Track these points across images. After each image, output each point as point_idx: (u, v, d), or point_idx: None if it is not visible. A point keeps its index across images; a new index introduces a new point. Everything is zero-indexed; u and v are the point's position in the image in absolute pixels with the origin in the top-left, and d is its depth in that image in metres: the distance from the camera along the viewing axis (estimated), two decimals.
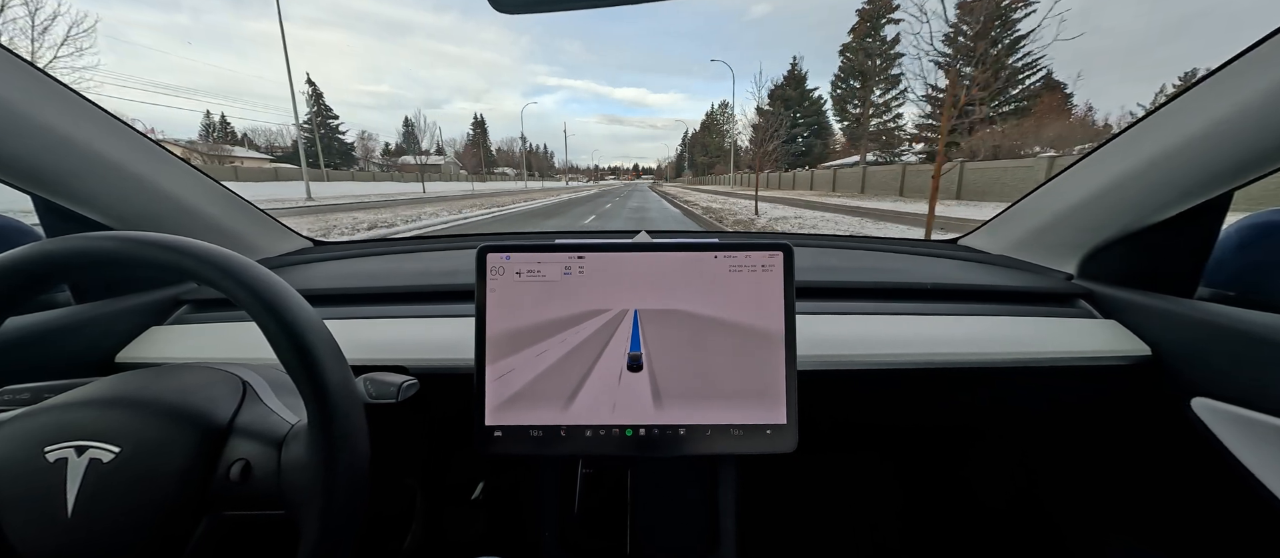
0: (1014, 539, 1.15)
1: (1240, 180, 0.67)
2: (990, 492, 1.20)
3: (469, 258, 0.64)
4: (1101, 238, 0.88)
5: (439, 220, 13.15)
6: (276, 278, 0.45)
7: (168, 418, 0.47)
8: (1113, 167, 0.83)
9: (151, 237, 0.44)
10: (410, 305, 0.88)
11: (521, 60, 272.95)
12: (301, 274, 1.03)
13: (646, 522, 0.76)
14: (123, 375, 0.53)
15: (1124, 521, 0.96)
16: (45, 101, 0.70)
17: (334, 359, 0.45)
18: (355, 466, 0.44)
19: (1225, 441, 0.68)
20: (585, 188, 64.20)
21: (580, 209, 19.54)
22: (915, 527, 1.24)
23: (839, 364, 0.77)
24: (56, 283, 0.47)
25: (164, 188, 0.88)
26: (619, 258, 0.63)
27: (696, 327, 0.63)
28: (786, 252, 0.63)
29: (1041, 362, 0.79)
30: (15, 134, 0.67)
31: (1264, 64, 0.61)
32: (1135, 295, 0.83)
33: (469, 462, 1.08)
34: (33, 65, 0.69)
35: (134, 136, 0.83)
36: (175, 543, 0.45)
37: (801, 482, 1.21)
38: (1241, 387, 0.67)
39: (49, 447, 0.44)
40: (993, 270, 1.04)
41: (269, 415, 0.52)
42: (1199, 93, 0.68)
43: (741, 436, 0.63)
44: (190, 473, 0.46)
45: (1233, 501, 0.75)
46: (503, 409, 0.62)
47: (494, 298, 0.63)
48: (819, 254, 1.15)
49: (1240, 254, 0.80)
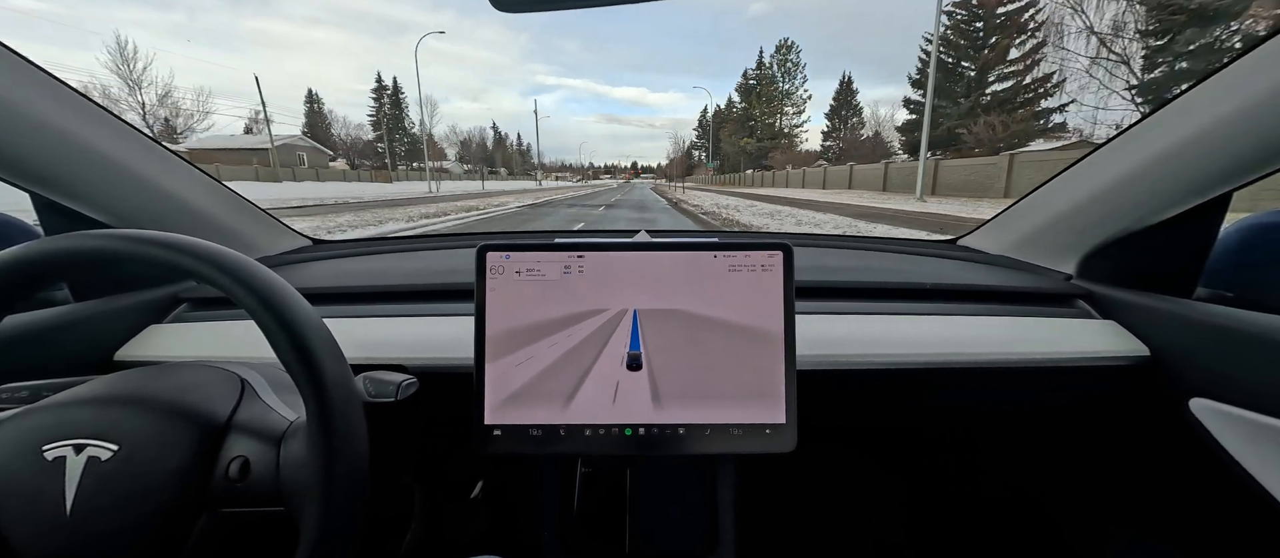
0: (1013, 539, 1.15)
1: (1239, 181, 0.67)
2: (989, 491, 1.21)
3: (468, 257, 0.64)
4: (1100, 238, 0.88)
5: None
6: (275, 276, 0.45)
7: (166, 416, 0.47)
8: (1112, 167, 0.83)
9: (150, 235, 0.44)
10: (409, 304, 0.88)
11: (520, 59, 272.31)
12: (301, 273, 1.03)
13: (645, 521, 0.77)
14: (121, 374, 0.53)
15: (1122, 519, 0.96)
16: (43, 99, 0.70)
17: (333, 357, 0.45)
18: (354, 463, 0.44)
19: (1223, 441, 0.68)
20: (552, 191, 43.51)
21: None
22: (913, 526, 1.24)
23: (838, 364, 0.77)
24: (55, 281, 0.47)
25: (163, 186, 0.88)
26: (618, 257, 0.63)
27: (696, 326, 0.63)
28: (786, 251, 0.63)
29: (1040, 362, 0.79)
30: (14, 132, 0.67)
31: (1264, 65, 0.61)
32: (1134, 296, 0.83)
33: (468, 461, 1.08)
34: (30, 63, 0.69)
35: (133, 134, 0.83)
36: (174, 541, 0.45)
37: (800, 481, 1.22)
38: (1240, 387, 0.67)
39: (47, 446, 0.44)
40: (992, 271, 1.04)
41: (268, 413, 0.52)
42: (1198, 93, 0.68)
43: (740, 435, 0.63)
44: (189, 471, 0.46)
45: (1231, 501, 0.76)
46: (502, 408, 0.62)
47: (493, 297, 0.63)
48: (818, 254, 1.15)
49: (1239, 255, 0.80)
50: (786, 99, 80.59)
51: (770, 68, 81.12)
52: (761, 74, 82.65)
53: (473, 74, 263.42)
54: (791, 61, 79.02)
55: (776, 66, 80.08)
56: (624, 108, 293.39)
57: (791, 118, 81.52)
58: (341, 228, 11.23)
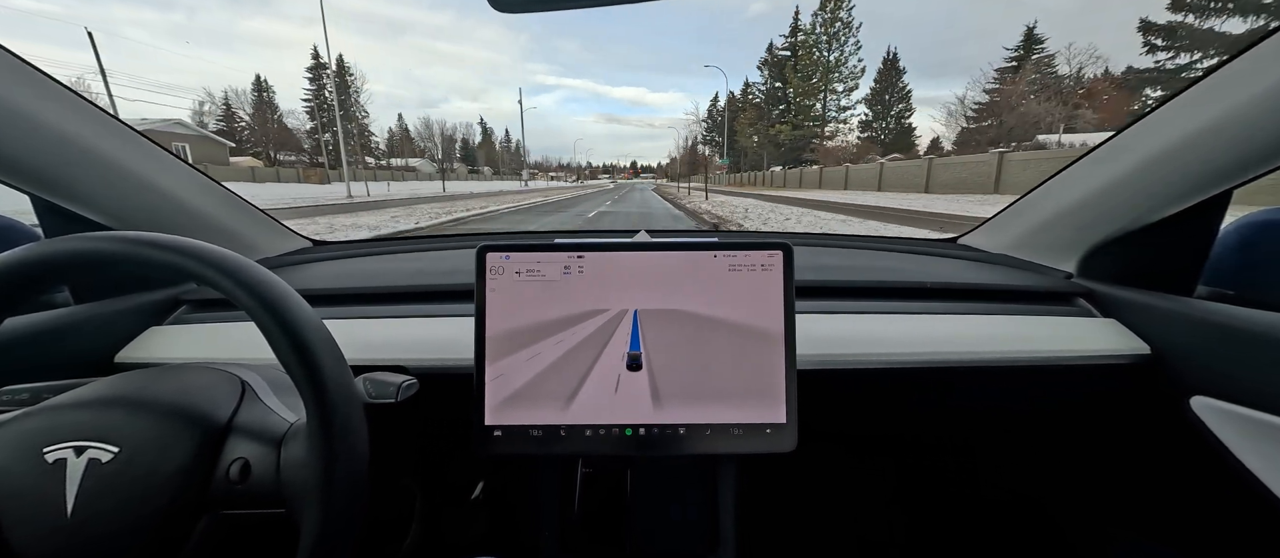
0: (1014, 537, 1.15)
1: (1240, 179, 0.67)
2: (990, 490, 1.20)
3: (468, 257, 0.64)
4: (1101, 236, 0.88)
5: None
6: (275, 278, 0.45)
7: (166, 418, 0.47)
8: (1112, 165, 0.83)
9: (150, 236, 0.44)
10: (409, 305, 0.88)
11: (519, 59, 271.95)
12: (300, 274, 1.03)
13: (646, 522, 0.76)
14: (121, 376, 0.53)
15: (1123, 518, 0.96)
16: (43, 101, 0.70)
17: (333, 359, 0.45)
18: (355, 465, 0.44)
19: (1224, 439, 0.68)
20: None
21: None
22: (914, 525, 1.24)
23: (839, 363, 0.77)
24: (55, 283, 0.47)
25: (163, 187, 0.88)
26: (618, 257, 0.63)
27: (696, 326, 0.63)
28: (786, 251, 0.63)
29: (1041, 360, 0.79)
30: (14, 134, 0.67)
31: (1264, 63, 0.61)
32: (1134, 294, 0.83)
33: (468, 462, 1.08)
34: (29, 65, 0.69)
35: (132, 136, 0.83)
36: (174, 543, 0.45)
37: (801, 481, 1.21)
38: (1240, 385, 0.67)
39: (48, 447, 0.44)
40: (992, 269, 1.04)
41: (268, 415, 0.52)
42: (1199, 91, 0.68)
43: (741, 435, 0.63)
44: (189, 473, 0.46)
45: (1232, 499, 0.75)
46: (502, 409, 0.62)
47: (493, 298, 0.63)
48: (818, 253, 1.15)
49: (1240, 253, 0.80)
50: (834, 72, 59.56)
51: (812, 31, 60.03)
52: (798, 42, 61.91)
53: (472, 74, 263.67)
54: (841, 20, 57.44)
55: (821, 28, 58.66)
56: (624, 108, 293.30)
57: (841, 97, 60.87)
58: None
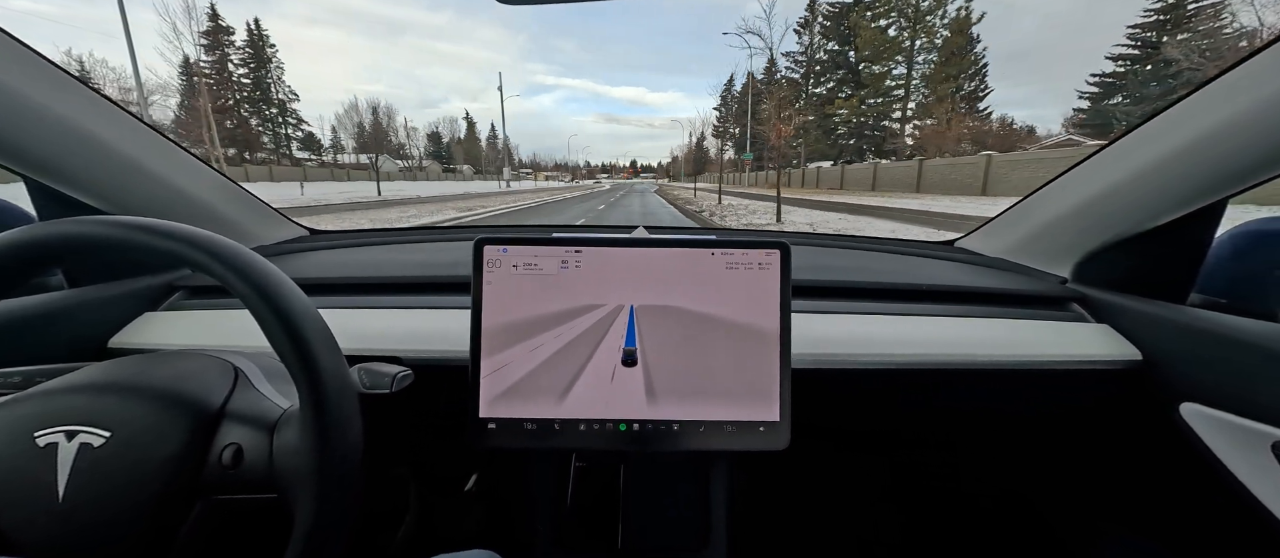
0: (1004, 538, 1.16)
1: (1234, 188, 0.67)
2: (981, 491, 1.21)
3: (465, 250, 0.64)
4: (1096, 243, 0.89)
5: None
6: (271, 266, 0.45)
7: (159, 403, 0.47)
8: (1109, 172, 0.83)
9: (146, 222, 0.43)
10: (406, 296, 0.88)
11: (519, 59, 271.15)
12: (297, 263, 1.02)
13: (639, 517, 0.77)
14: (114, 361, 0.53)
15: (1110, 515, 0.97)
16: (39, 84, 0.69)
17: (328, 347, 0.45)
18: (348, 453, 0.44)
19: (1212, 446, 0.69)
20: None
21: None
22: (906, 524, 1.25)
23: (833, 363, 0.78)
24: (49, 267, 0.47)
25: (159, 173, 0.87)
26: (616, 253, 0.63)
27: (692, 323, 0.63)
28: (784, 250, 0.63)
29: (1033, 364, 0.79)
30: (8, 117, 0.67)
31: (1261, 74, 0.61)
32: (1128, 300, 0.83)
33: (462, 454, 1.08)
34: (25, 46, 0.69)
35: (129, 120, 0.83)
36: (167, 528, 0.45)
37: (794, 479, 1.22)
38: (1230, 393, 0.67)
39: (39, 432, 0.43)
40: (988, 273, 1.05)
41: (261, 401, 0.52)
42: (1195, 101, 0.69)
43: (734, 432, 0.63)
44: (182, 458, 0.46)
45: (1218, 505, 0.76)
46: (497, 402, 0.62)
47: (490, 290, 0.63)
48: (815, 253, 1.16)
49: (1233, 262, 0.80)
50: (933, 15, 38.68)
51: None
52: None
53: (472, 74, 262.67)
54: None
55: None
56: (623, 107, 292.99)
57: (928, 60, 39.16)
58: None
